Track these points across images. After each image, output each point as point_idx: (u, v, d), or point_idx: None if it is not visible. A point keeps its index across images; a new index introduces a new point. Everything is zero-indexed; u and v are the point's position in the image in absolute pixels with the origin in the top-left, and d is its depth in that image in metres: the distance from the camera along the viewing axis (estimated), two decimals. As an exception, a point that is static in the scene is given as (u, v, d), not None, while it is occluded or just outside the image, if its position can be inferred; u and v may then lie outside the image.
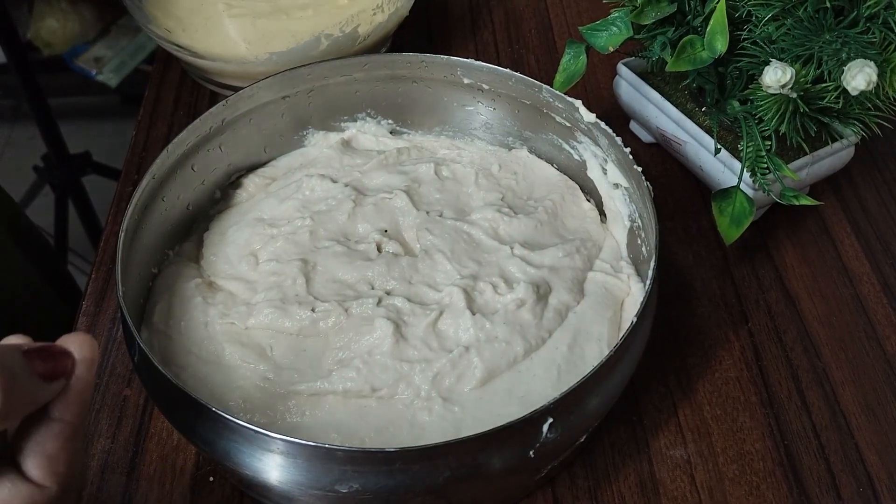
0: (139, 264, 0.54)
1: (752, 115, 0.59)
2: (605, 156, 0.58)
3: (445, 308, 0.52)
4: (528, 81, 0.60)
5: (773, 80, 0.52)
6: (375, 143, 0.66)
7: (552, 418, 0.43)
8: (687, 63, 0.58)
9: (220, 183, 0.62)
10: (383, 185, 0.61)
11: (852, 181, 0.70)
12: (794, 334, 0.60)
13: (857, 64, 0.50)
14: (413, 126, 0.67)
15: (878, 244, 0.66)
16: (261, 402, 0.49)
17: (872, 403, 0.57)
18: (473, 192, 0.61)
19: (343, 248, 0.56)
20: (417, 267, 0.55)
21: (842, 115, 0.56)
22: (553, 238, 0.58)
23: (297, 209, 0.59)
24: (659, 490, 0.53)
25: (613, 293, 0.55)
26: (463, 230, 0.57)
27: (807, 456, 0.54)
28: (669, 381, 0.58)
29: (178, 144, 0.56)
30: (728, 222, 0.60)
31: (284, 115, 0.63)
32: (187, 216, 0.60)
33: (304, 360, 0.51)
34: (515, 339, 0.51)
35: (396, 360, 0.50)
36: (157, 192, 0.56)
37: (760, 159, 0.58)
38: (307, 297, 0.53)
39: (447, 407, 0.48)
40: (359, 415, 0.48)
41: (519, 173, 0.63)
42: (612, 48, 0.61)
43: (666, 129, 0.67)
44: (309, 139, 0.66)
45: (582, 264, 0.57)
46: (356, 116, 0.66)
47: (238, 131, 0.61)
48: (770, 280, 0.64)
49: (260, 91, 0.61)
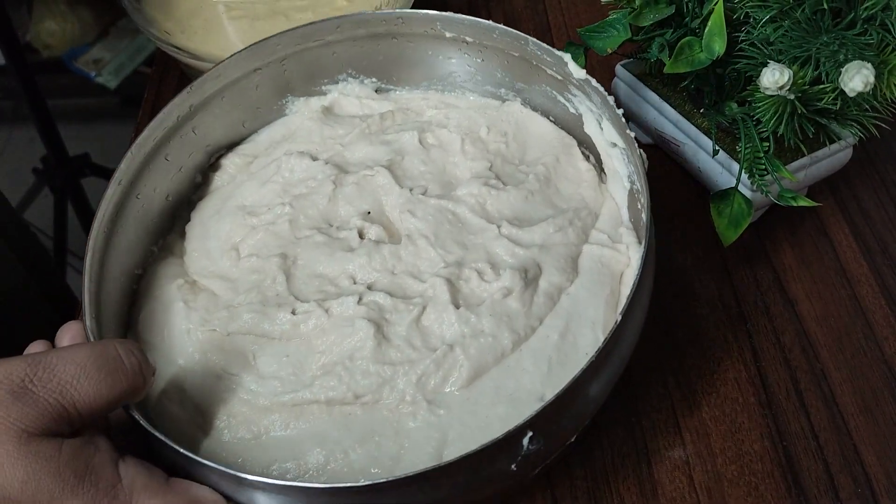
0: (119, 272, 0.53)
1: (750, 116, 0.59)
2: (601, 112, 0.56)
3: (429, 301, 0.50)
4: (512, 34, 0.57)
5: (771, 82, 0.52)
6: (359, 106, 0.64)
7: (532, 432, 0.41)
8: (685, 65, 0.58)
9: (200, 166, 0.60)
10: (365, 158, 0.59)
11: (850, 183, 0.70)
12: (792, 335, 0.61)
13: (854, 65, 0.50)
14: (399, 82, 0.64)
15: (877, 245, 0.66)
16: (245, 417, 0.48)
17: (871, 404, 0.57)
18: (460, 160, 0.58)
19: (324, 238, 0.54)
20: (400, 255, 0.53)
21: (839, 117, 0.57)
22: (545, 209, 0.56)
23: (278, 194, 0.57)
24: (657, 491, 0.53)
25: (611, 267, 0.52)
26: (448, 209, 0.55)
27: (805, 457, 0.54)
28: (668, 381, 0.58)
29: (142, 144, 0.54)
30: (726, 223, 0.60)
31: (259, 88, 0.61)
32: (168, 207, 0.58)
33: (287, 367, 0.49)
34: (502, 332, 0.49)
35: (379, 363, 0.48)
36: (128, 193, 0.54)
37: (758, 161, 0.59)
38: (287, 298, 0.52)
39: (432, 410, 0.47)
40: (343, 424, 0.47)
41: (509, 134, 0.60)
42: (610, 50, 0.61)
43: (664, 131, 0.67)
44: (290, 107, 0.64)
45: (576, 238, 0.54)
46: (337, 79, 0.63)
47: (210, 111, 0.59)
48: (768, 281, 0.64)
49: (226, 70, 0.58)
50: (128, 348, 0.41)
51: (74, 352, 0.39)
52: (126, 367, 0.40)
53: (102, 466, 0.38)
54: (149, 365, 0.42)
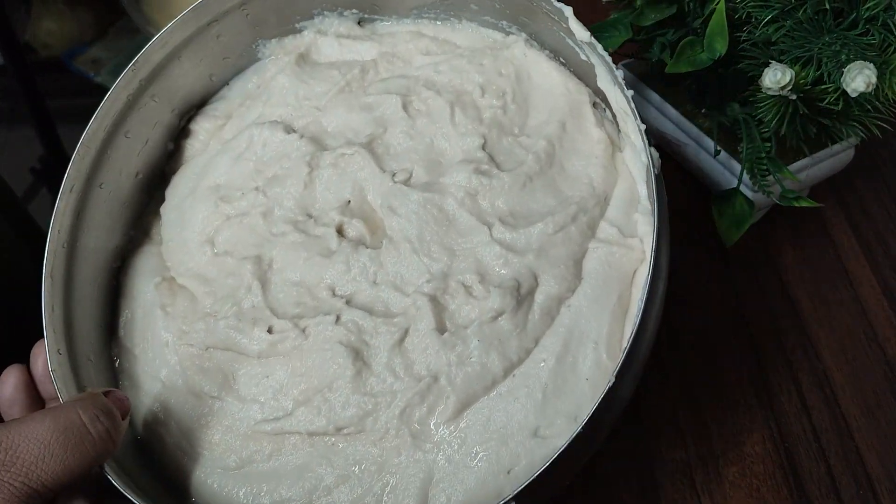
0: (93, 272, 0.51)
1: (752, 116, 0.59)
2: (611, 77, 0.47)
3: (412, 322, 0.45)
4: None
5: (773, 82, 0.51)
6: (340, 49, 0.56)
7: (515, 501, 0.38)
8: (686, 65, 0.58)
9: (171, 130, 0.56)
10: (344, 127, 0.53)
11: (852, 183, 0.70)
12: (794, 336, 0.60)
13: (856, 66, 0.50)
14: (384, 10, 0.56)
15: (879, 246, 0.65)
16: (227, 444, 0.46)
17: (873, 406, 0.57)
18: (449, 132, 0.51)
19: (301, 237, 0.50)
20: (381, 261, 0.48)
21: (841, 117, 0.56)
22: (546, 198, 0.48)
23: (251, 175, 0.53)
24: (659, 493, 0.53)
25: (620, 269, 0.45)
26: (434, 203, 0.48)
27: (807, 458, 0.54)
28: (669, 383, 0.58)
29: (89, 140, 0.50)
30: (728, 224, 0.60)
31: (221, 37, 0.55)
32: (140, 183, 0.55)
33: (267, 389, 0.47)
34: (492, 358, 0.44)
35: (359, 394, 0.44)
36: (88, 188, 0.51)
37: (760, 161, 0.58)
38: (263, 312, 0.48)
39: (418, 445, 0.43)
40: (325, 457, 0.44)
41: (509, 94, 0.52)
42: (611, 50, 0.61)
43: (665, 131, 0.67)
44: (262, 50, 0.57)
45: (580, 236, 0.47)
46: (311, 13, 0.56)
47: (169, 75, 0.54)
48: (770, 282, 0.63)
49: (172, 35, 0.52)
50: (92, 415, 0.39)
51: (35, 428, 0.37)
52: (93, 435, 0.38)
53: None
54: (117, 425, 0.40)
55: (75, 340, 0.48)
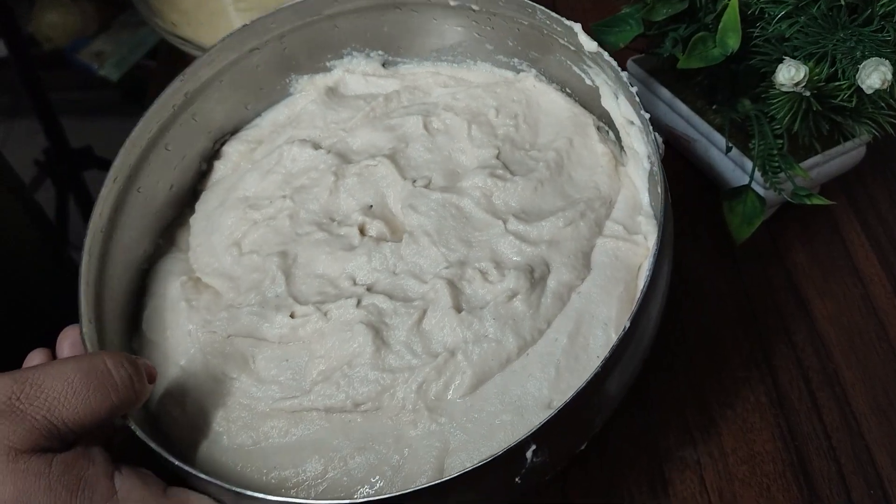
0: (123, 268, 0.52)
1: (764, 113, 0.58)
2: (616, 87, 0.52)
3: (430, 304, 0.48)
4: (518, 2, 0.54)
5: (787, 78, 0.51)
6: (366, 84, 0.61)
7: (535, 445, 0.39)
8: (698, 60, 0.57)
9: (203, 153, 0.59)
10: (368, 145, 0.57)
11: (863, 181, 0.69)
12: (804, 335, 0.60)
13: (871, 63, 0.49)
14: (407, 54, 0.61)
15: (889, 245, 0.65)
16: (244, 423, 0.47)
17: (883, 405, 0.56)
18: (466, 147, 0.56)
19: (324, 235, 0.52)
20: (402, 254, 0.51)
21: (854, 115, 0.56)
22: (556, 199, 0.53)
23: (279, 186, 0.56)
24: (669, 490, 0.53)
25: (626, 261, 0.49)
26: (452, 203, 0.52)
27: (817, 458, 0.54)
28: (678, 380, 0.58)
29: (136, 139, 0.53)
30: (739, 221, 0.59)
31: (260, 68, 0.59)
32: (172, 197, 0.57)
33: (286, 371, 0.48)
34: (507, 336, 0.46)
35: (378, 370, 0.46)
36: (128, 187, 0.53)
37: (772, 158, 0.58)
38: (286, 300, 0.50)
39: (434, 418, 0.45)
40: (342, 431, 0.46)
41: (520, 115, 0.57)
42: (623, 45, 0.61)
43: (676, 127, 0.66)
44: (294, 86, 0.62)
45: (588, 231, 0.50)
46: (341, 53, 0.61)
47: (209, 97, 0.57)
48: (779, 280, 0.63)
49: (220, 54, 0.56)
50: (117, 361, 0.40)
51: (62, 367, 0.38)
52: (116, 381, 0.39)
53: (96, 479, 0.38)
54: (142, 377, 0.41)
55: (103, 329, 0.48)
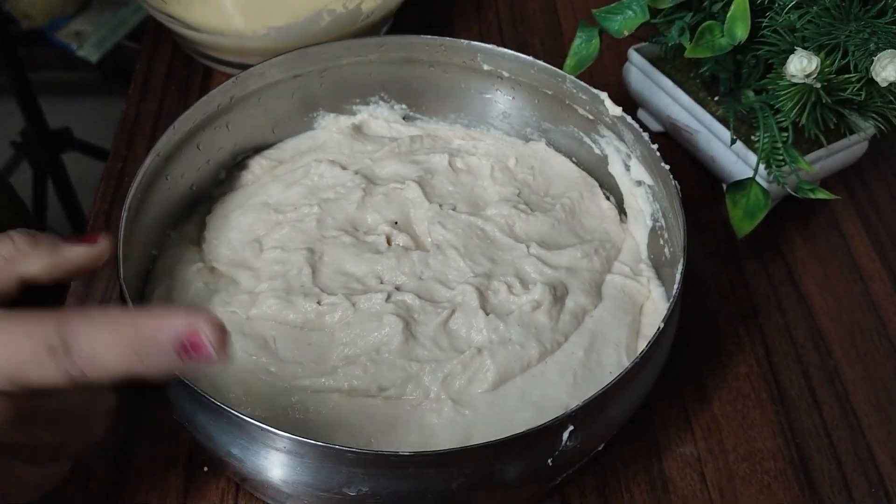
0: (138, 245, 0.51)
1: (769, 105, 0.57)
2: (630, 151, 0.56)
3: (458, 307, 0.50)
4: (551, 70, 0.58)
5: (798, 70, 0.50)
6: (387, 129, 0.64)
7: (573, 426, 0.41)
8: (706, 49, 0.56)
9: (225, 163, 0.60)
10: (394, 174, 0.59)
11: (863, 176, 0.69)
12: (804, 331, 0.59)
13: (887, 55, 0.48)
14: (427, 112, 0.65)
15: (889, 241, 0.65)
16: (262, 397, 0.47)
17: (884, 402, 0.56)
18: (488, 185, 0.59)
19: (351, 239, 0.54)
20: (429, 262, 0.53)
21: (862, 108, 0.55)
22: (570, 238, 0.56)
23: (304, 196, 0.57)
24: (669, 488, 0.52)
25: (633, 297, 0.53)
26: (477, 225, 0.55)
27: (818, 455, 0.53)
28: (679, 376, 0.57)
29: (184, 121, 0.54)
30: (741, 215, 0.58)
31: (294, 96, 0.61)
32: (190, 196, 0.58)
33: (309, 354, 0.48)
34: (530, 342, 0.49)
35: (405, 359, 0.48)
36: (161, 170, 0.53)
37: (776, 151, 0.57)
38: (313, 289, 0.51)
39: (457, 410, 0.46)
40: (364, 414, 0.46)
41: (536, 168, 0.61)
42: (626, 32, 0.59)
43: (678, 119, 0.65)
44: (319, 122, 0.63)
45: (600, 266, 0.55)
46: (368, 100, 0.64)
47: (246, 110, 0.59)
48: (780, 275, 0.62)
49: (271, 69, 0.58)
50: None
51: None
52: None
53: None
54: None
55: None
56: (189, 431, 0.43)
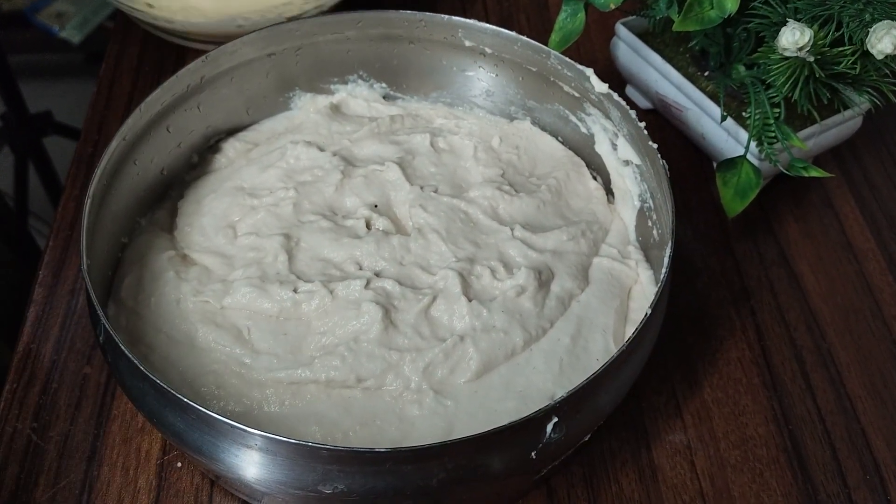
0: (106, 233, 0.50)
1: (760, 80, 0.55)
2: (617, 130, 0.54)
3: (439, 293, 0.48)
4: (535, 46, 0.56)
5: (791, 42, 0.48)
6: (367, 108, 0.62)
7: (557, 418, 0.39)
8: (695, 23, 0.54)
9: (197, 146, 0.58)
10: (374, 155, 0.57)
11: (857, 153, 0.67)
12: (797, 313, 0.58)
13: (882, 26, 0.46)
14: (408, 90, 0.62)
15: (884, 219, 0.63)
16: (236, 390, 0.45)
17: (879, 387, 0.54)
18: (472, 166, 0.57)
19: (329, 224, 0.52)
20: (409, 247, 0.51)
21: (857, 82, 0.53)
22: (556, 219, 0.54)
23: (281, 179, 0.55)
24: (658, 477, 0.50)
25: (620, 280, 0.52)
26: (460, 208, 0.53)
27: (812, 441, 0.52)
28: (668, 361, 0.55)
29: (151, 103, 0.52)
30: (732, 194, 0.57)
31: (269, 75, 0.59)
32: (161, 181, 0.56)
33: (285, 344, 0.47)
34: (514, 329, 0.47)
35: (385, 348, 0.46)
36: (128, 154, 0.51)
37: (768, 127, 0.55)
38: (289, 276, 0.49)
39: (439, 400, 0.45)
40: (343, 406, 0.45)
41: (521, 147, 0.59)
42: (613, 5, 0.57)
43: (666, 95, 0.63)
44: (295, 101, 0.61)
45: (587, 249, 0.53)
46: (347, 78, 0.62)
47: (218, 91, 0.57)
48: (772, 256, 0.61)
49: (243, 47, 0.56)
50: None
51: None
52: None
53: None
54: None
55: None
56: (158, 428, 0.41)
